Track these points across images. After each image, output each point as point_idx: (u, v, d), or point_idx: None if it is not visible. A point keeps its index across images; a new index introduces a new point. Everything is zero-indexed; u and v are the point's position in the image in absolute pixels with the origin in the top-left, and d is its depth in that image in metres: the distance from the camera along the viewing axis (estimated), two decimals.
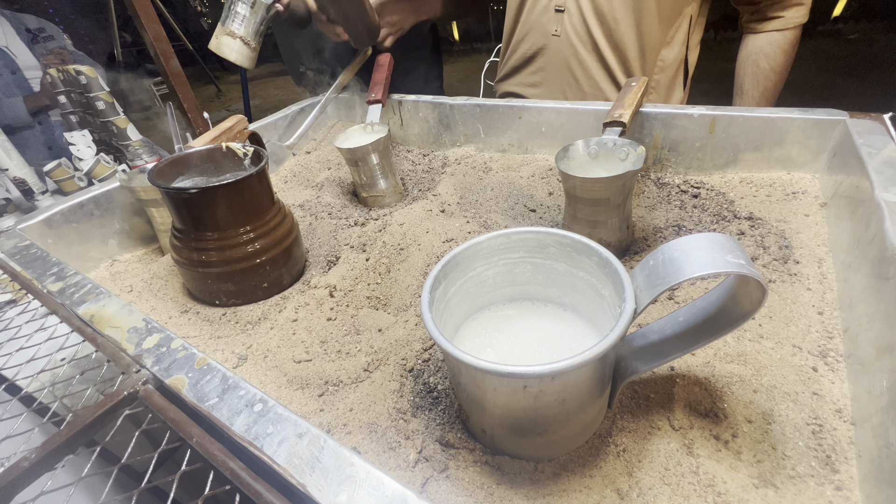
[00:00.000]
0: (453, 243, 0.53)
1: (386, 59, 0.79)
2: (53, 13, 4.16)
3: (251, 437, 0.24)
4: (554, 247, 0.36)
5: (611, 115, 0.53)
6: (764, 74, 0.74)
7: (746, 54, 0.76)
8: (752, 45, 0.75)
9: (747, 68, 0.75)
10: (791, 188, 0.52)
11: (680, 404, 0.33)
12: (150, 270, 0.56)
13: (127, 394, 0.28)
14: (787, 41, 0.72)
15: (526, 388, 0.27)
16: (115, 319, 0.34)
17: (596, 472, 0.30)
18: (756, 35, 0.74)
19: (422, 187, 0.70)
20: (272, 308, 0.50)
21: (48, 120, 1.64)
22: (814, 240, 0.44)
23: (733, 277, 0.28)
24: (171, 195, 0.46)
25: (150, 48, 0.59)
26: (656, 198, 0.58)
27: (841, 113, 0.49)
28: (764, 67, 0.73)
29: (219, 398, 0.27)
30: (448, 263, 0.34)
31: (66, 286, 0.40)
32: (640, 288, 0.28)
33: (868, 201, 0.36)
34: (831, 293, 0.39)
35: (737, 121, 0.54)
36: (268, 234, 0.51)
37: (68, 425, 0.27)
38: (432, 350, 0.41)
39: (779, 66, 0.73)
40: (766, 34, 0.73)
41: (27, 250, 0.47)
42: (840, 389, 0.32)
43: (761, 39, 0.73)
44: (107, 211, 0.60)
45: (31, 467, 0.25)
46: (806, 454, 0.29)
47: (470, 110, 0.74)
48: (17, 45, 1.56)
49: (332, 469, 0.22)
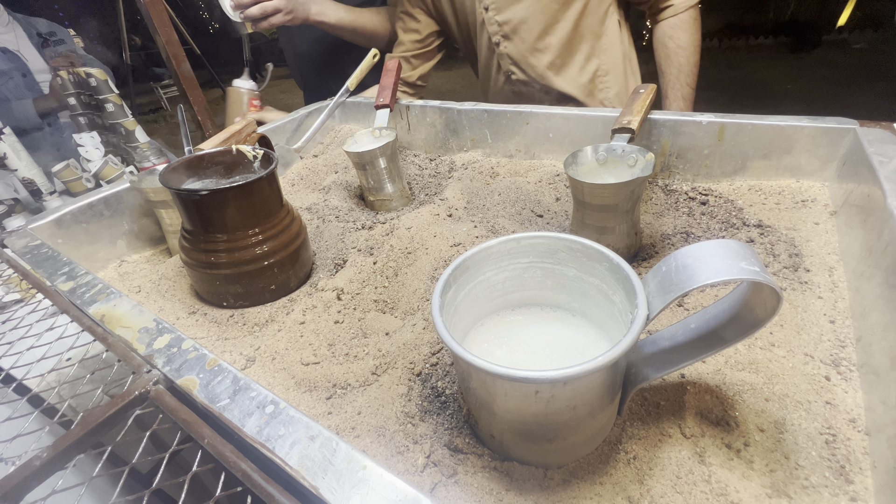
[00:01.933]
0: (461, 248, 0.53)
1: (394, 64, 0.79)
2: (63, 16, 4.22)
3: (263, 439, 0.24)
4: (564, 252, 0.36)
5: (619, 121, 0.53)
6: (673, 52, 0.81)
7: (655, 42, 0.84)
8: (657, 32, 0.83)
9: (659, 52, 0.84)
10: (800, 196, 0.52)
11: (691, 412, 0.33)
12: (158, 271, 0.57)
13: (138, 394, 0.28)
14: (684, 22, 0.80)
15: (538, 393, 0.27)
16: (126, 319, 0.35)
17: (606, 479, 0.30)
18: (658, 24, 0.83)
19: (429, 191, 0.71)
20: (280, 310, 0.50)
21: (57, 122, 1.65)
22: (824, 248, 0.44)
23: (746, 284, 0.28)
24: (181, 196, 0.46)
25: (163, 51, 0.60)
26: (664, 204, 0.57)
27: (851, 122, 0.49)
28: (671, 46, 0.81)
29: (230, 399, 0.27)
30: (458, 267, 0.34)
31: (76, 286, 0.40)
32: (653, 294, 0.28)
33: (880, 210, 0.36)
34: (843, 302, 0.38)
35: (745, 128, 0.54)
36: (276, 237, 0.51)
37: (79, 424, 0.27)
38: (440, 354, 0.41)
39: (684, 43, 0.80)
40: (664, 21, 0.81)
41: (38, 250, 0.47)
42: (853, 399, 0.31)
43: (662, 26, 0.82)
44: (116, 212, 0.60)
45: (42, 466, 0.25)
46: (819, 464, 0.29)
47: (477, 115, 0.74)
48: (28, 48, 1.58)
49: (344, 472, 0.22)
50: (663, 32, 0.82)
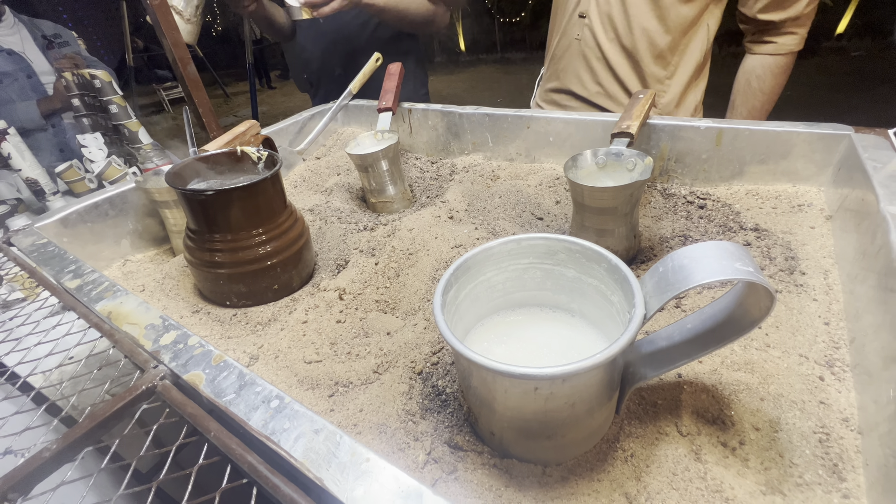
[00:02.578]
0: (462, 249, 0.54)
1: (397, 68, 0.80)
2: (67, 18, 4.24)
3: (268, 432, 0.24)
4: (563, 253, 0.37)
5: (619, 125, 0.54)
6: (753, 94, 0.78)
7: (742, 72, 0.80)
8: (748, 64, 0.79)
9: (740, 86, 0.80)
10: (797, 201, 0.52)
11: (687, 411, 0.33)
12: (161, 270, 0.57)
13: (145, 388, 0.29)
14: (777, 65, 0.76)
15: (537, 389, 0.27)
16: (133, 316, 0.35)
17: (604, 476, 0.31)
18: (752, 56, 0.78)
19: (430, 194, 0.71)
20: (282, 310, 0.51)
21: (60, 123, 1.66)
22: (819, 251, 0.45)
23: (742, 285, 0.28)
24: (187, 196, 0.47)
25: (169, 54, 0.60)
26: (663, 208, 0.58)
27: (846, 128, 0.50)
28: (754, 87, 0.78)
29: (236, 394, 0.27)
30: (459, 267, 0.35)
31: (83, 283, 0.41)
32: (650, 294, 0.29)
33: (874, 214, 0.37)
34: (837, 304, 0.39)
35: (743, 134, 0.55)
36: (279, 237, 0.52)
37: (88, 417, 0.27)
38: (440, 354, 0.42)
39: (767, 88, 0.77)
40: (759, 56, 0.77)
41: (45, 248, 0.48)
42: (847, 399, 0.32)
43: (755, 60, 0.78)
44: (121, 212, 0.61)
45: (52, 457, 0.25)
46: (813, 462, 0.29)
47: (479, 119, 0.75)
48: (33, 50, 1.59)
49: (348, 464, 0.22)
50: (752, 68, 0.78)
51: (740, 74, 0.80)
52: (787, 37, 0.73)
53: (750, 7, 0.74)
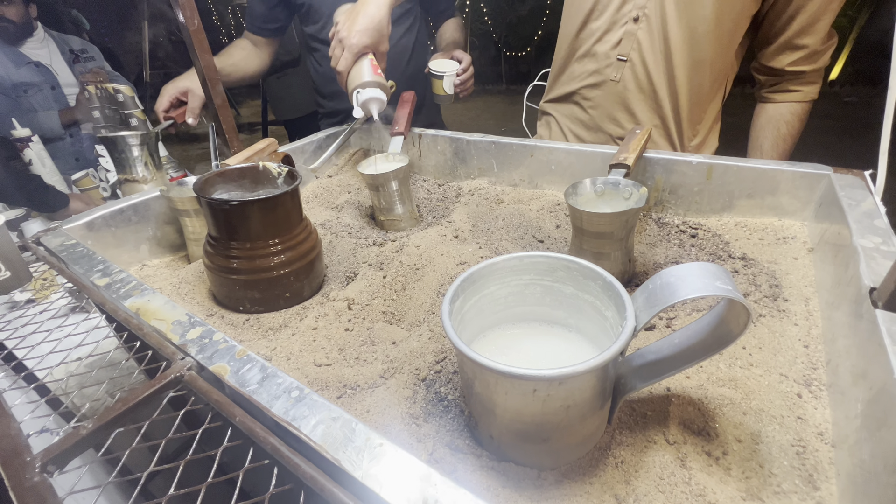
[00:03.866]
0: (466, 266, 0.57)
1: (410, 95, 0.85)
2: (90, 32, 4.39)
3: (289, 419, 0.27)
4: (562, 271, 0.40)
5: (617, 157, 0.58)
6: (783, 139, 0.81)
7: (767, 119, 0.82)
8: (774, 112, 0.82)
9: (768, 132, 0.82)
10: (782, 233, 0.56)
11: (675, 422, 0.35)
12: (178, 275, 0.60)
13: (173, 377, 0.31)
14: (804, 111, 0.80)
15: (535, 391, 0.30)
16: (161, 313, 0.38)
17: (595, 480, 0.33)
18: (777, 104, 0.82)
19: (436, 214, 0.75)
20: (293, 316, 0.53)
21: (79, 133, 1.72)
22: (801, 281, 0.48)
23: (723, 303, 0.31)
24: (211, 205, 0.50)
25: (199, 74, 0.65)
26: (657, 236, 0.62)
27: (826, 168, 0.54)
28: (784, 133, 0.81)
29: (258, 385, 0.30)
30: (466, 280, 0.38)
31: (112, 282, 0.43)
32: (641, 308, 0.32)
33: (848, 247, 0.40)
34: (816, 329, 0.42)
35: (732, 170, 0.59)
36: (294, 248, 0.55)
37: (120, 401, 0.29)
38: (444, 363, 0.44)
39: (795, 132, 0.81)
40: (787, 104, 0.81)
41: (74, 248, 0.50)
42: (822, 415, 0.34)
43: (783, 108, 0.81)
44: (143, 218, 0.64)
45: (88, 435, 0.27)
46: (791, 473, 0.31)
47: (485, 146, 0.79)
48: (60, 63, 1.67)
49: (363, 448, 0.25)
50: (780, 115, 0.80)
51: (765, 121, 0.83)
52: (812, 86, 0.79)
53: (780, 61, 0.77)
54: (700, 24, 0.74)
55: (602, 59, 0.84)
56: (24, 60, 1.57)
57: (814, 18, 0.71)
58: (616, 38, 0.81)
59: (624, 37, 0.81)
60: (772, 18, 0.75)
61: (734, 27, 0.76)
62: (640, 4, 0.78)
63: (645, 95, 0.83)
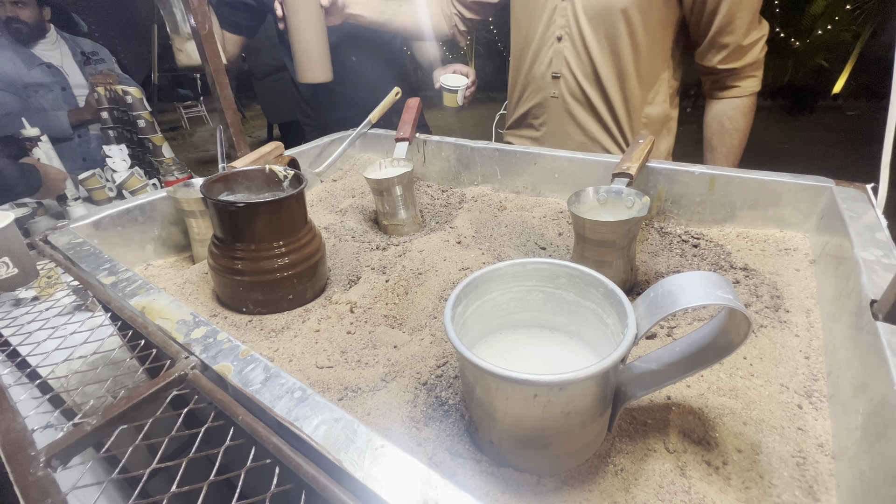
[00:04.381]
0: (469, 271, 0.57)
1: (415, 102, 0.86)
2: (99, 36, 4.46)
3: (292, 419, 0.27)
4: (564, 278, 0.40)
5: (619, 166, 0.58)
6: (729, 133, 0.85)
7: (712, 117, 0.87)
8: (717, 109, 0.86)
9: (713, 128, 0.87)
10: (784, 245, 0.56)
11: (675, 430, 0.35)
12: (182, 276, 0.60)
13: (177, 376, 0.31)
14: (745, 105, 0.83)
15: (536, 396, 0.30)
16: (166, 312, 0.38)
17: (595, 487, 0.33)
18: (719, 101, 0.86)
19: (439, 220, 0.75)
20: (295, 319, 0.53)
21: (86, 133, 1.74)
22: (803, 292, 0.48)
23: (724, 312, 0.31)
24: (218, 207, 0.51)
25: (209, 77, 0.66)
26: (659, 245, 0.62)
27: (828, 181, 0.54)
28: (729, 128, 0.85)
29: (262, 384, 0.30)
30: (469, 285, 0.38)
31: (118, 280, 0.44)
32: (642, 316, 0.32)
33: (849, 259, 0.40)
34: (817, 341, 0.42)
35: (734, 181, 0.59)
36: (298, 251, 0.55)
37: (125, 398, 0.30)
38: (445, 367, 0.44)
39: (741, 126, 0.84)
40: (727, 100, 0.85)
41: (80, 247, 0.51)
42: (822, 426, 0.34)
43: (724, 104, 0.85)
44: (149, 218, 0.65)
45: (92, 432, 0.28)
46: (791, 484, 0.31)
47: (489, 153, 0.80)
48: (71, 65, 1.69)
49: (364, 449, 0.25)
50: (722, 111, 0.84)
51: (711, 119, 0.87)
52: (748, 80, 0.82)
53: (709, 60, 0.82)
54: (616, 37, 0.81)
55: (540, 80, 0.92)
56: (36, 62, 1.60)
57: (730, 17, 0.75)
58: (548, 58, 0.89)
59: (553, 56, 0.88)
60: (694, 22, 0.80)
61: (655, 38, 0.81)
62: (562, 24, 0.85)
63: (584, 107, 0.90)
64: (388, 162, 0.74)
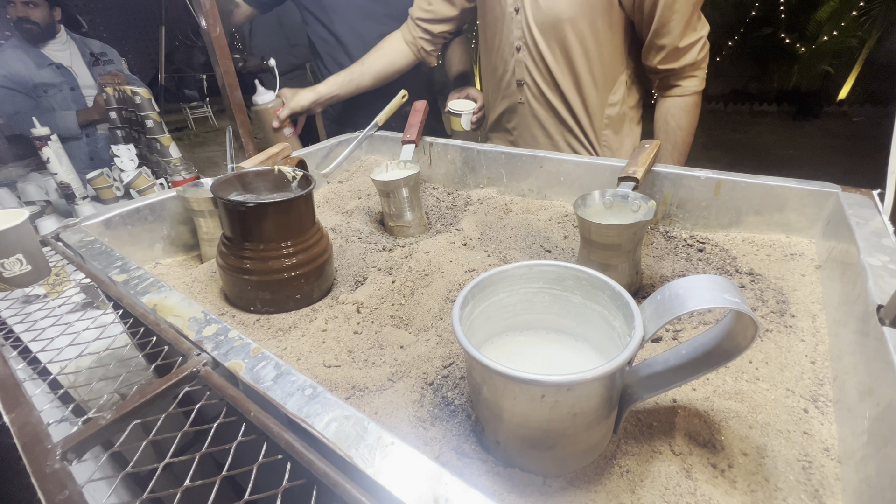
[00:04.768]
0: (475, 273, 0.58)
1: (422, 105, 0.87)
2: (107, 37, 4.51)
3: (303, 416, 0.27)
4: (571, 280, 0.40)
5: (626, 170, 0.58)
6: (673, 131, 0.88)
7: (659, 115, 0.90)
8: (663, 107, 0.90)
9: (659, 126, 0.90)
10: (789, 250, 0.56)
11: (680, 433, 0.36)
12: (191, 275, 0.61)
13: (189, 372, 0.32)
14: (687, 104, 0.86)
15: (543, 397, 0.30)
16: (177, 309, 0.39)
17: (601, 488, 0.33)
18: (664, 99, 0.89)
19: (445, 222, 0.76)
20: (303, 318, 0.54)
21: (94, 133, 1.76)
22: (809, 297, 0.48)
23: (731, 315, 0.32)
24: (227, 206, 0.51)
25: (220, 79, 0.67)
26: (664, 249, 0.62)
27: (834, 186, 0.55)
28: (672, 126, 0.88)
29: (273, 382, 0.30)
30: (476, 286, 0.39)
31: (129, 278, 0.44)
32: (649, 318, 0.32)
33: (855, 265, 0.40)
34: (823, 346, 0.42)
35: (740, 186, 0.60)
36: (305, 251, 0.55)
37: (138, 394, 0.30)
38: (451, 368, 0.45)
39: (684, 124, 0.87)
40: (670, 99, 0.88)
41: (92, 245, 0.52)
42: (828, 431, 0.34)
43: (668, 103, 0.88)
44: (159, 217, 0.66)
45: (106, 426, 0.28)
46: (796, 487, 0.32)
47: (495, 156, 0.81)
48: (80, 66, 1.71)
49: (375, 446, 0.25)
50: (667, 110, 0.88)
51: (658, 117, 0.91)
52: (689, 80, 0.85)
53: (651, 60, 0.85)
54: (568, 46, 0.85)
55: (507, 87, 0.97)
56: (46, 62, 1.61)
57: (664, 20, 0.78)
58: (511, 67, 0.93)
59: (515, 65, 0.92)
60: (637, 23, 0.83)
61: (605, 43, 0.84)
62: (518, 35, 0.89)
63: (548, 112, 0.94)
64: (394, 164, 0.75)
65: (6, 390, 0.30)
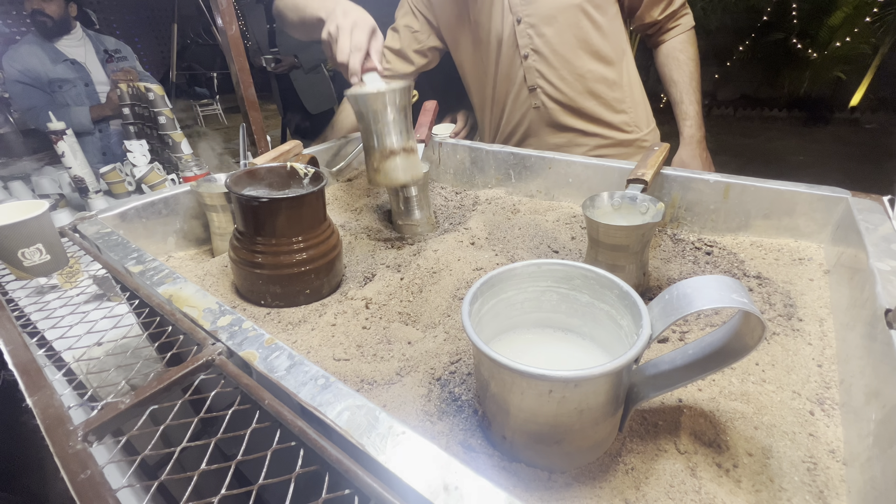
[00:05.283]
0: (482, 272, 0.58)
1: (432, 105, 0.87)
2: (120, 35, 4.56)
3: (316, 405, 0.28)
4: (579, 279, 0.41)
5: (634, 172, 0.59)
6: (685, 63, 0.93)
7: (665, 56, 0.95)
8: (668, 48, 0.95)
9: (670, 65, 0.94)
10: (798, 254, 0.56)
11: (686, 432, 0.36)
12: (202, 268, 0.62)
13: (204, 361, 0.33)
14: (689, 37, 0.94)
15: (551, 392, 0.31)
16: (193, 300, 0.39)
17: (606, 484, 0.33)
18: (667, 42, 0.95)
19: (453, 221, 0.76)
20: (312, 313, 0.55)
21: (107, 128, 1.78)
22: (816, 302, 0.48)
23: (738, 315, 0.32)
24: (241, 201, 0.52)
25: (234, 77, 0.68)
26: (672, 252, 0.62)
27: (844, 191, 0.55)
28: (682, 59, 0.93)
29: (286, 371, 0.31)
30: (485, 283, 0.39)
31: (145, 269, 0.45)
32: (656, 317, 0.32)
33: (864, 269, 0.40)
34: (830, 349, 0.42)
35: (749, 189, 0.60)
36: (316, 246, 0.56)
37: (155, 380, 0.31)
38: (458, 364, 0.45)
39: (692, 55, 0.93)
40: (673, 39, 0.94)
41: (109, 236, 0.53)
42: (834, 433, 0.35)
43: (672, 43, 0.94)
44: (172, 211, 0.67)
45: (126, 410, 0.29)
46: (801, 488, 0.32)
47: (504, 157, 0.81)
48: (94, 62, 1.74)
49: (386, 435, 0.26)
50: (672, 48, 0.94)
51: (664, 58, 0.95)
52: (685, 17, 0.93)
53: (653, 14, 0.91)
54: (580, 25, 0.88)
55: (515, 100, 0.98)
56: (61, 58, 1.64)
57: None
58: (519, 77, 0.95)
59: (525, 72, 0.93)
60: None
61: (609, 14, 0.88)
62: (524, 44, 0.91)
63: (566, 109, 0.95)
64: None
65: (29, 374, 0.31)
